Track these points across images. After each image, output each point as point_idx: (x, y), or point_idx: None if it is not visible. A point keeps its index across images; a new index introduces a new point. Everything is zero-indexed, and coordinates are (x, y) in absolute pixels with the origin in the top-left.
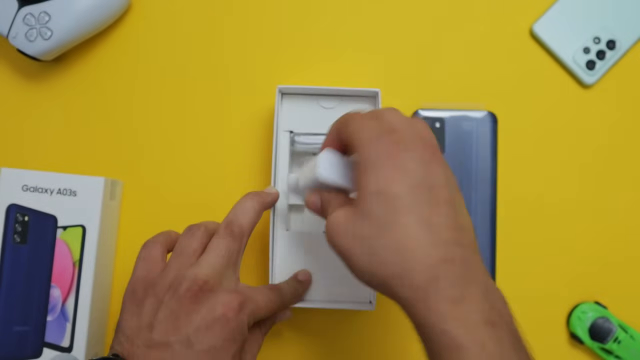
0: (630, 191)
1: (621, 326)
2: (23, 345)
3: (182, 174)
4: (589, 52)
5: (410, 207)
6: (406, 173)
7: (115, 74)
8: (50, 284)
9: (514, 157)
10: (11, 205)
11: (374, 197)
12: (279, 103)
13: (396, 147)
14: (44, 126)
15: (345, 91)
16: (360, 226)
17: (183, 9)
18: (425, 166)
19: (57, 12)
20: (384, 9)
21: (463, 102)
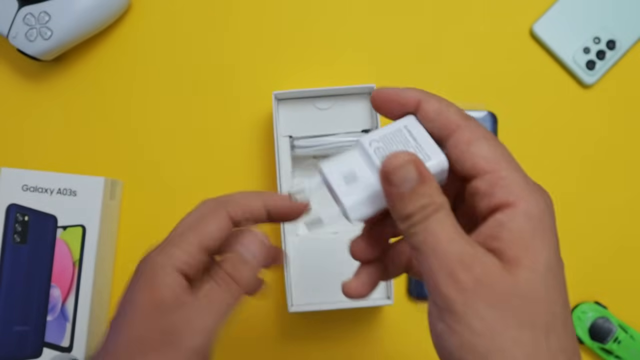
0: (630, 191)
1: (621, 326)
2: (23, 345)
3: (182, 173)
4: (589, 52)
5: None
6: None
7: (115, 74)
8: (50, 284)
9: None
10: (11, 205)
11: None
12: (276, 109)
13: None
14: (44, 126)
15: (340, 90)
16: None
17: (182, 9)
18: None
19: (57, 12)
20: (382, 9)
21: (463, 102)
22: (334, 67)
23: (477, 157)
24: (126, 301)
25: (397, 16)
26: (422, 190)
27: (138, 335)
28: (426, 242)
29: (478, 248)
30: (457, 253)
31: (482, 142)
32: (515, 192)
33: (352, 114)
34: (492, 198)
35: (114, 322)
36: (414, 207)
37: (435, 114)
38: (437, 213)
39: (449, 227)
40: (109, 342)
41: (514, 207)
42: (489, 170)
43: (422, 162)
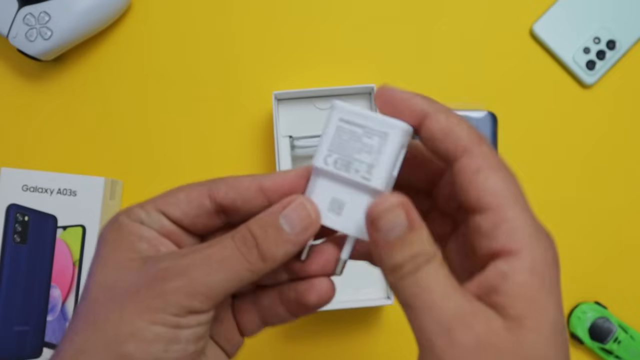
0: (630, 191)
1: (621, 326)
2: (23, 345)
3: (182, 173)
4: (589, 52)
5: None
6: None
7: (115, 74)
8: (50, 284)
9: (514, 157)
10: (11, 205)
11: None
12: (276, 109)
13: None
14: (43, 126)
15: (340, 90)
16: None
17: (183, 9)
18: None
19: (57, 12)
20: (382, 9)
21: (463, 102)
22: (334, 67)
23: (483, 190)
24: (94, 262)
25: (397, 16)
26: (412, 239)
27: (109, 285)
28: (419, 297)
29: (477, 304)
30: (454, 309)
31: (491, 173)
32: (520, 239)
33: None
34: (494, 241)
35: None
36: (403, 257)
37: (442, 134)
38: (429, 264)
39: (443, 280)
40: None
41: (518, 256)
42: (493, 207)
43: (411, 206)
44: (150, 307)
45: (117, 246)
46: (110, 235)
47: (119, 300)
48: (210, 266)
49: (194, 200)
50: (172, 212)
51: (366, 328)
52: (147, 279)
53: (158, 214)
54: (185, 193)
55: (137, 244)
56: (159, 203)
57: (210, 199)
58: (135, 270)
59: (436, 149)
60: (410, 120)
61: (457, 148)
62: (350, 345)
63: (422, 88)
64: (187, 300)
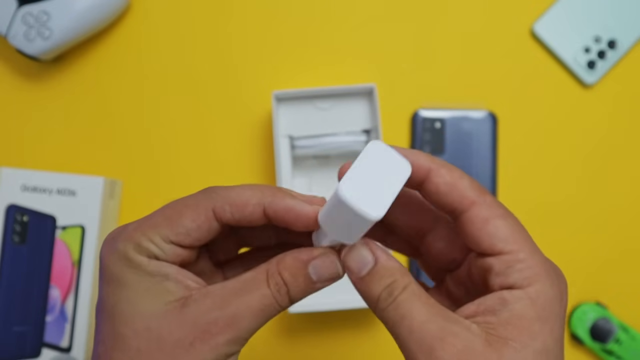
0: (630, 191)
1: (622, 327)
2: (22, 345)
3: (182, 173)
4: (590, 51)
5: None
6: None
7: (114, 74)
8: (50, 284)
9: (514, 157)
10: (10, 205)
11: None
12: (276, 109)
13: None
14: (43, 126)
15: (340, 90)
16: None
17: (182, 9)
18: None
19: (56, 12)
20: (382, 9)
21: (463, 102)
22: (334, 67)
23: (495, 238)
24: (121, 305)
25: (397, 16)
26: (382, 272)
27: (155, 336)
28: (400, 324)
29: (459, 324)
30: (435, 330)
31: (500, 222)
32: (530, 277)
33: (352, 114)
34: (506, 278)
35: (108, 331)
36: (378, 290)
37: (447, 188)
38: (404, 292)
39: (421, 306)
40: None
41: (523, 289)
42: (506, 251)
43: (375, 243)
44: (205, 359)
45: (145, 289)
46: (130, 275)
47: (169, 352)
48: (254, 316)
49: (203, 225)
50: (185, 241)
51: (365, 328)
52: (198, 332)
53: (170, 246)
54: (191, 219)
55: (165, 284)
56: (168, 233)
57: (217, 220)
58: (177, 319)
59: (441, 202)
60: (413, 176)
61: (464, 200)
62: (350, 346)
63: (422, 88)
64: (234, 347)
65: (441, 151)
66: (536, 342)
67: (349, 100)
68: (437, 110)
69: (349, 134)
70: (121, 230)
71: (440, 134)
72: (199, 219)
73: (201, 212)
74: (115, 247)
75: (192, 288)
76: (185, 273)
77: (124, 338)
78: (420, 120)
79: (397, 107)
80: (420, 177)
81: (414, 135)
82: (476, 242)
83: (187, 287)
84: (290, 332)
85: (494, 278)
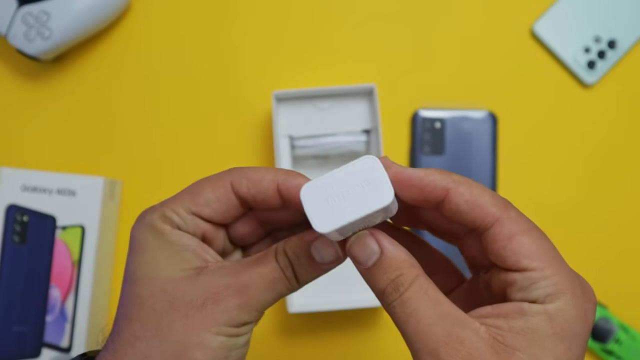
0: (630, 191)
1: (622, 327)
2: (22, 345)
3: (182, 173)
4: (590, 51)
5: None
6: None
7: (114, 74)
8: (50, 284)
9: (514, 157)
10: (10, 205)
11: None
12: (276, 109)
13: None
14: (43, 126)
15: (340, 90)
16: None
17: (182, 9)
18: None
19: (56, 12)
20: (382, 9)
21: (463, 102)
22: (334, 67)
23: (520, 254)
24: (140, 268)
25: (397, 16)
26: (388, 264)
27: (169, 297)
28: (407, 323)
29: (466, 327)
30: (440, 334)
31: (525, 238)
32: (552, 294)
33: (352, 114)
34: (528, 294)
35: (128, 292)
36: (384, 282)
37: (468, 206)
38: (411, 288)
39: (428, 305)
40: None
41: (544, 305)
42: (531, 268)
43: (382, 234)
44: (216, 320)
45: (164, 255)
46: (152, 242)
47: (182, 312)
48: (265, 286)
49: (222, 197)
50: (205, 212)
51: (365, 328)
52: (211, 293)
53: (192, 217)
54: (211, 191)
55: (183, 254)
56: (190, 204)
57: (235, 194)
58: (192, 283)
59: (463, 221)
60: (431, 197)
61: (487, 218)
62: (349, 346)
63: (422, 88)
64: (245, 314)
65: (441, 151)
66: (546, 357)
67: (349, 100)
68: (437, 110)
69: (349, 134)
70: (151, 207)
71: (440, 134)
72: (218, 191)
73: (220, 185)
74: (144, 219)
75: (209, 261)
76: (205, 247)
77: (141, 298)
78: (420, 120)
79: (397, 107)
80: (438, 197)
81: (414, 135)
82: (501, 259)
83: (204, 259)
84: (290, 332)
85: (515, 292)
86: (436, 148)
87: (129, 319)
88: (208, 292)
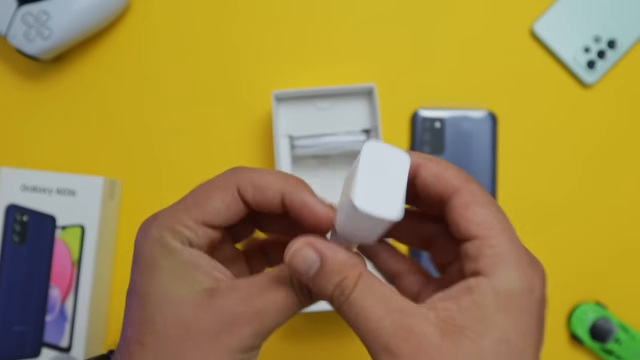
0: (630, 191)
1: (622, 327)
2: (22, 345)
3: (182, 173)
4: (590, 51)
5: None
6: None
7: (114, 74)
8: (50, 284)
9: (514, 157)
10: (10, 205)
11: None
12: (276, 109)
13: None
14: (43, 126)
15: (340, 90)
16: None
17: (182, 9)
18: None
19: (56, 12)
20: (382, 9)
21: (463, 102)
22: (334, 67)
23: (472, 222)
24: (152, 290)
25: (397, 16)
26: (329, 270)
27: (184, 324)
28: (357, 322)
29: (415, 316)
30: (389, 327)
31: (479, 208)
32: (497, 264)
33: (352, 114)
34: (476, 264)
35: (139, 315)
36: (329, 289)
37: (433, 179)
38: (356, 289)
39: (375, 301)
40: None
41: (490, 278)
42: (480, 236)
43: (319, 242)
44: (230, 349)
45: (176, 277)
46: (163, 262)
47: (197, 341)
48: (279, 312)
49: (231, 205)
50: (216, 221)
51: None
52: (225, 323)
53: (203, 228)
54: (221, 200)
55: (195, 275)
56: (199, 215)
57: (241, 199)
58: (206, 309)
59: (431, 194)
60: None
61: (448, 189)
62: (349, 346)
63: (422, 88)
64: (259, 341)
65: (441, 151)
66: (494, 333)
67: (349, 100)
68: (437, 110)
69: (349, 134)
70: (156, 217)
71: (440, 134)
72: (227, 198)
73: (229, 192)
74: (150, 233)
75: (220, 280)
76: (215, 264)
77: (155, 323)
78: (420, 120)
79: (397, 107)
80: (412, 173)
81: (414, 135)
82: (456, 227)
83: (216, 278)
84: (290, 332)
85: (466, 264)
86: (436, 148)
87: (143, 344)
88: (222, 322)
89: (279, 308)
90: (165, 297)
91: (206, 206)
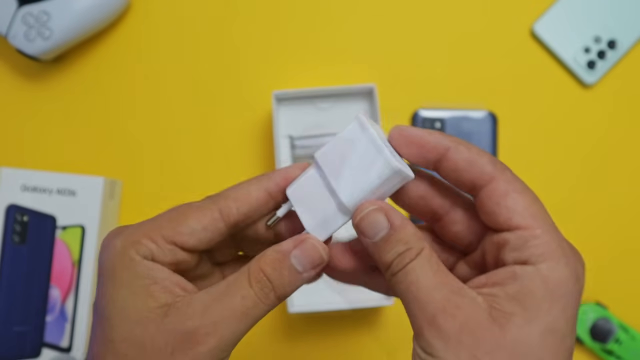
0: (630, 191)
1: (622, 327)
2: (22, 345)
3: (182, 173)
4: (590, 51)
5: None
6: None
7: (114, 74)
8: (50, 284)
9: (514, 157)
10: (10, 205)
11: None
12: (276, 109)
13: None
14: (43, 126)
15: (340, 90)
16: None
17: (182, 9)
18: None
19: (56, 12)
20: (382, 9)
21: (463, 102)
22: (334, 67)
23: (513, 212)
24: (110, 307)
25: (397, 16)
26: (396, 238)
27: (138, 342)
28: (408, 290)
29: (464, 295)
30: (439, 300)
31: (518, 196)
32: (544, 253)
33: (352, 114)
34: (520, 254)
35: (100, 333)
36: (391, 255)
37: (466, 164)
38: (416, 259)
39: (430, 273)
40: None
41: (536, 266)
42: (523, 226)
43: (390, 208)
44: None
45: (132, 292)
46: (120, 273)
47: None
48: (237, 320)
49: (208, 226)
50: (189, 242)
51: (366, 328)
52: (178, 340)
53: (171, 246)
54: (196, 220)
55: (151, 289)
56: (170, 233)
57: (224, 221)
58: (159, 327)
59: (461, 180)
60: (431, 155)
61: (483, 176)
62: (350, 346)
63: (422, 88)
64: (218, 355)
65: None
66: (543, 320)
67: (349, 100)
68: (437, 110)
69: None
70: (122, 229)
71: None
72: (205, 219)
73: (206, 213)
74: (114, 244)
75: (177, 295)
76: (176, 278)
77: (113, 342)
78: (420, 120)
79: (397, 107)
80: (438, 155)
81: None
82: (494, 216)
83: (173, 293)
84: (290, 332)
85: (508, 253)
86: None
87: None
88: (176, 340)
89: (236, 315)
90: (122, 313)
91: (179, 225)
